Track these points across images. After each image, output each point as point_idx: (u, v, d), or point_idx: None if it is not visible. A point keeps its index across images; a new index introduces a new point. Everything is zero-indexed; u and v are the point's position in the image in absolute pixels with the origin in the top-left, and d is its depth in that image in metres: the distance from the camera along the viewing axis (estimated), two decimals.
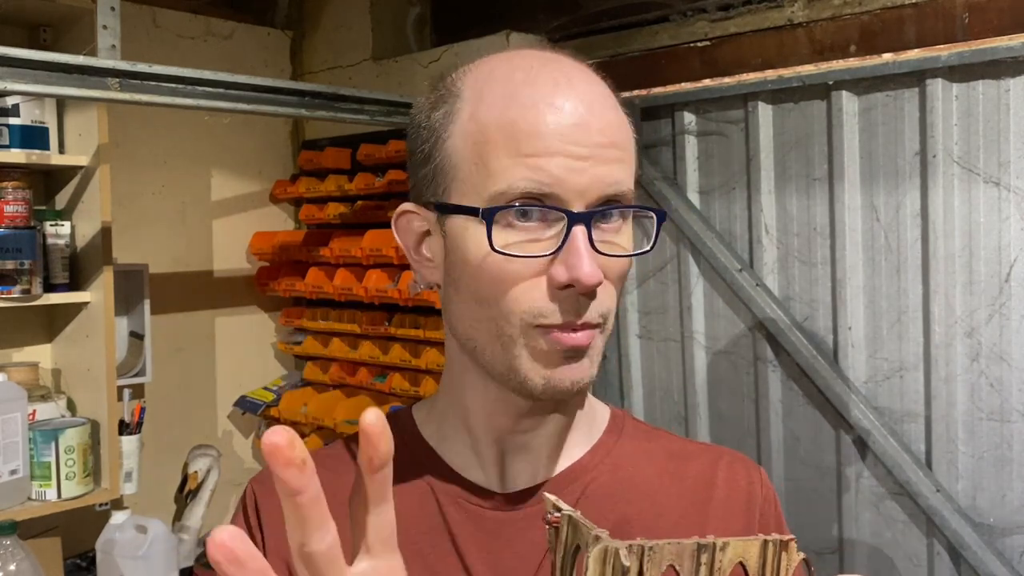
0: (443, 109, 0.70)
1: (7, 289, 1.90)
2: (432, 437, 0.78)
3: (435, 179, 0.69)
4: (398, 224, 0.74)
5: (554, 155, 0.64)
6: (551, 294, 0.64)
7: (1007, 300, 1.67)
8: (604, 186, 0.65)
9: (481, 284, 0.66)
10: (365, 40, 2.55)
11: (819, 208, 1.87)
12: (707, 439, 2.05)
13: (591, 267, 0.62)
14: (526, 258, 0.64)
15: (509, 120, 0.65)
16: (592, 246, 0.64)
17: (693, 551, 0.50)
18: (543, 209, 0.64)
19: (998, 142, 1.65)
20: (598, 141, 0.65)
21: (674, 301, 2.10)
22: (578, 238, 0.63)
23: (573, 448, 0.76)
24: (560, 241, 0.64)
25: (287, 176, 2.74)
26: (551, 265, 0.64)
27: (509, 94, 0.66)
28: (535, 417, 0.73)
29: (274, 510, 0.75)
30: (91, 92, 1.53)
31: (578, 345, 0.65)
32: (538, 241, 0.64)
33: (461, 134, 0.68)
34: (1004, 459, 1.69)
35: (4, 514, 1.84)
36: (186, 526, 2.38)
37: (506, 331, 0.66)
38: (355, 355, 2.46)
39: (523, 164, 0.64)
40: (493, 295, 0.66)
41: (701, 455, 0.80)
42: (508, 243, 0.64)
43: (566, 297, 0.64)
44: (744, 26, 1.93)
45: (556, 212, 0.64)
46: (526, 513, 0.73)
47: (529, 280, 0.65)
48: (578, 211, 0.64)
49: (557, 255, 0.64)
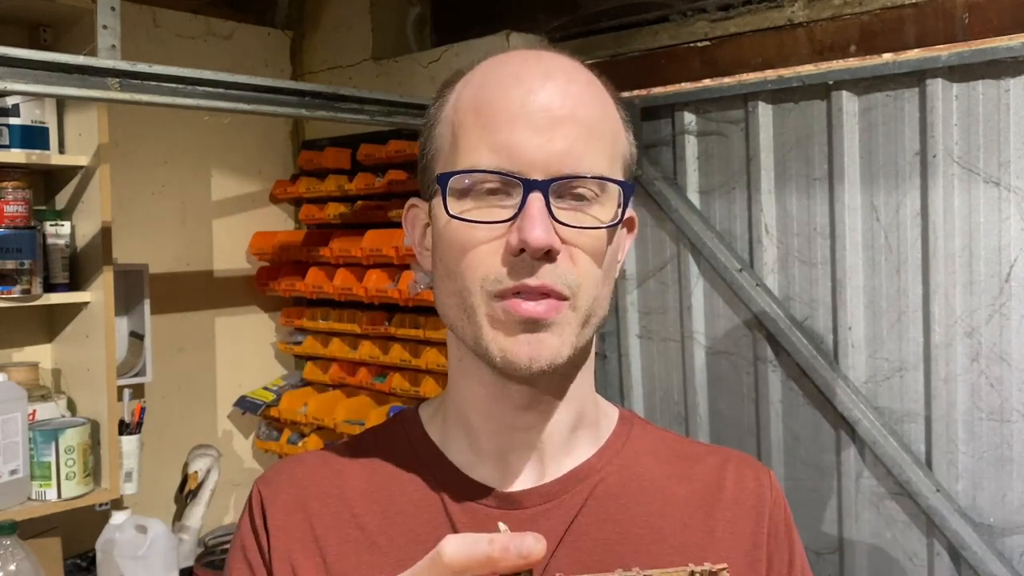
0: (437, 103, 0.73)
1: (7, 289, 1.90)
2: (437, 436, 0.77)
3: (427, 169, 0.72)
4: (406, 219, 0.77)
5: (514, 128, 0.65)
6: (506, 259, 0.65)
7: (1007, 300, 1.67)
8: (570, 161, 0.65)
9: (448, 255, 0.68)
10: (365, 40, 2.55)
11: (819, 208, 1.87)
12: (707, 439, 2.05)
13: (542, 230, 0.63)
14: (483, 224, 0.65)
15: (476, 99, 0.68)
16: (551, 215, 0.64)
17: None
18: (504, 178, 0.65)
19: (998, 142, 1.65)
20: (560, 115, 0.65)
21: (674, 301, 2.10)
22: (533, 204, 0.64)
23: (581, 448, 0.76)
24: (517, 208, 0.64)
25: (287, 176, 2.74)
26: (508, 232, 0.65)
27: (484, 78, 0.69)
28: (534, 411, 0.72)
29: (280, 512, 0.75)
30: (91, 92, 1.53)
31: (532, 315, 0.65)
32: (498, 209, 0.65)
33: (444, 121, 0.71)
34: (1004, 459, 1.69)
35: (4, 514, 1.84)
36: (186, 526, 2.38)
37: (469, 301, 0.67)
38: (355, 355, 2.46)
39: (486, 140, 0.66)
40: (456, 264, 0.67)
41: (709, 457, 0.80)
42: (469, 211, 0.66)
43: (520, 261, 0.65)
44: (744, 26, 1.93)
45: (515, 180, 0.65)
46: (532, 513, 0.72)
47: (488, 245, 0.65)
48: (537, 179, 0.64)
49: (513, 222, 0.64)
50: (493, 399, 0.72)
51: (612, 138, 0.70)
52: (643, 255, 2.15)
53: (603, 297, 0.70)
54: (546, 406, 0.73)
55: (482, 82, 0.69)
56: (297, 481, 0.77)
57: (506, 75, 0.68)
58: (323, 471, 0.77)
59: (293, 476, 0.77)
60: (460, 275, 0.67)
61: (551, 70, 0.68)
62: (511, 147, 0.65)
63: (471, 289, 0.66)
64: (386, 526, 0.72)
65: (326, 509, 0.74)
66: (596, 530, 0.72)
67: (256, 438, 2.69)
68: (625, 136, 0.73)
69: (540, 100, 0.66)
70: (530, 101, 0.65)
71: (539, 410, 0.72)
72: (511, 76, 0.67)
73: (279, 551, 0.73)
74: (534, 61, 0.69)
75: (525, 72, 0.67)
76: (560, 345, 0.66)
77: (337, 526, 0.73)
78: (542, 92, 0.66)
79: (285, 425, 2.60)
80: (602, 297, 0.69)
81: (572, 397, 0.74)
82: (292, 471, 0.78)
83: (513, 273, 0.65)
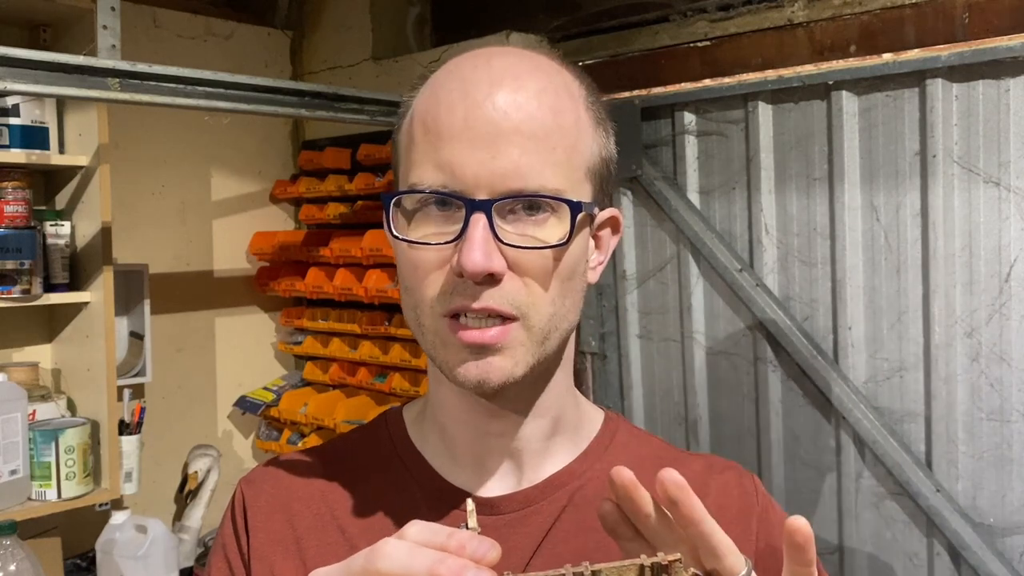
0: (402, 108, 0.72)
1: (7, 289, 1.90)
2: (418, 438, 0.77)
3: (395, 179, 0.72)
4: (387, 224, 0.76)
5: (458, 144, 0.63)
6: (451, 280, 0.64)
7: (1007, 300, 1.66)
8: (517, 177, 0.63)
9: (403, 274, 0.68)
10: (365, 40, 2.55)
11: (819, 208, 1.87)
12: (707, 439, 2.05)
13: (481, 255, 0.61)
14: (426, 245, 0.65)
15: (425, 112, 0.67)
16: (496, 236, 0.63)
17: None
18: (448, 198, 0.64)
19: (998, 142, 1.65)
20: (504, 128, 0.63)
21: (674, 301, 2.10)
22: (474, 227, 0.62)
23: (560, 454, 0.75)
24: (461, 230, 0.63)
25: (287, 176, 2.74)
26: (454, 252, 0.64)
27: (437, 88, 0.68)
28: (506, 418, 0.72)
29: (261, 512, 0.75)
30: (91, 92, 1.53)
31: (477, 342, 0.64)
32: (445, 228, 0.65)
33: (402, 132, 0.70)
34: (1004, 459, 1.69)
35: (4, 514, 1.84)
36: (186, 526, 2.38)
37: (422, 320, 0.67)
38: (355, 355, 2.46)
39: (431, 156, 0.64)
40: (411, 283, 0.67)
41: (693, 463, 0.79)
42: (422, 234, 0.65)
43: (463, 283, 0.64)
44: (744, 26, 1.93)
45: (457, 201, 0.63)
46: (509, 519, 0.71)
47: (437, 269, 0.65)
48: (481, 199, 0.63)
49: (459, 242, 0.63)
50: (466, 406, 0.72)
51: (569, 147, 0.66)
52: (643, 255, 2.15)
53: (564, 311, 0.68)
54: (516, 415, 0.72)
55: (432, 93, 0.67)
56: (280, 482, 0.77)
57: (453, 87, 0.65)
58: (307, 472, 0.78)
59: (277, 477, 0.78)
60: (414, 293, 0.67)
61: (499, 78, 0.65)
62: (453, 164, 0.63)
63: (422, 308, 0.67)
64: (366, 530, 0.72)
65: (308, 510, 0.74)
66: (574, 537, 0.71)
67: (256, 438, 2.69)
68: (591, 139, 0.69)
69: (484, 114, 0.63)
70: (474, 115, 0.63)
71: (510, 419, 0.72)
72: (457, 89, 0.65)
73: (258, 551, 0.73)
74: (484, 69, 0.66)
75: (471, 84, 0.65)
76: (513, 366, 0.66)
77: (318, 528, 0.73)
78: (486, 104, 0.63)
79: (285, 425, 2.60)
80: (562, 312, 0.67)
81: (545, 404, 0.73)
82: (276, 472, 0.78)
83: (457, 294, 0.64)
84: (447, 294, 0.64)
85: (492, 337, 0.64)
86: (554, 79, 0.68)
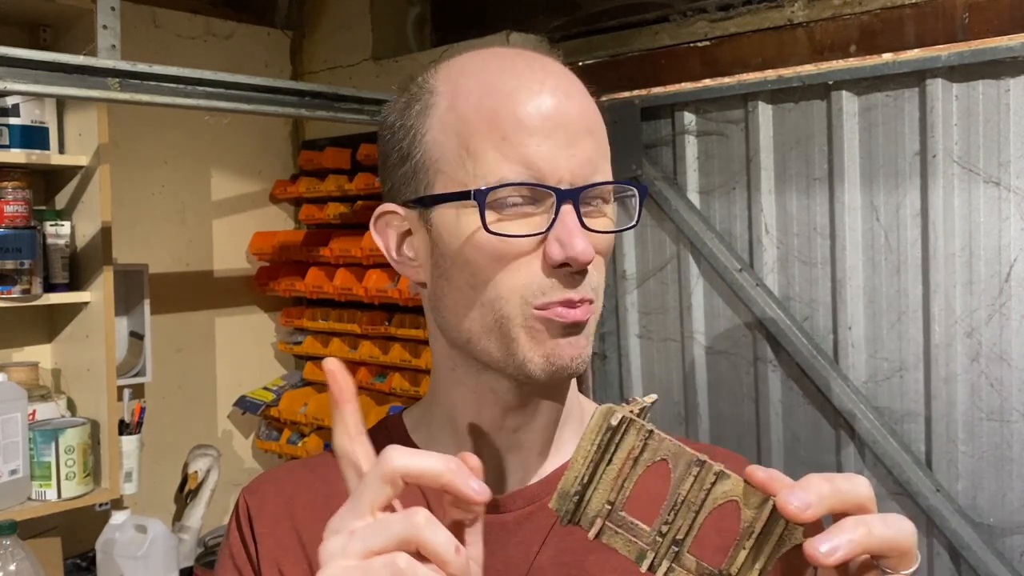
0: (417, 106, 0.70)
1: (7, 289, 1.90)
2: (422, 441, 0.77)
3: (416, 176, 0.69)
4: (377, 226, 0.74)
5: (539, 142, 0.65)
6: (547, 272, 0.65)
7: (1007, 300, 1.67)
8: (590, 170, 0.67)
9: (477, 268, 0.67)
10: (365, 40, 2.55)
11: (819, 208, 1.87)
12: (707, 439, 2.05)
13: (585, 244, 0.64)
14: (520, 237, 0.65)
15: (489, 108, 0.66)
16: (581, 223, 0.65)
17: (689, 462, 0.51)
18: (532, 188, 0.65)
19: (998, 142, 1.65)
20: (579, 127, 0.66)
21: (674, 301, 2.10)
22: (569, 216, 0.65)
23: (564, 445, 0.76)
24: (551, 219, 0.65)
25: (287, 176, 2.74)
26: (543, 244, 0.65)
27: (486, 82, 0.67)
28: (523, 411, 0.72)
29: (266, 520, 0.75)
30: (91, 92, 1.53)
31: (577, 320, 0.66)
32: (528, 219, 0.65)
33: (440, 127, 0.68)
34: (1004, 459, 1.69)
35: (4, 514, 1.84)
36: (186, 526, 2.38)
37: (504, 312, 0.66)
38: (355, 355, 2.46)
39: (510, 155, 0.65)
40: (489, 277, 0.66)
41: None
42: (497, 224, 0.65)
43: (562, 274, 0.65)
44: (744, 26, 1.93)
45: (545, 190, 0.65)
46: (516, 516, 0.72)
47: (523, 259, 0.65)
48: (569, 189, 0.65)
49: (548, 233, 0.65)
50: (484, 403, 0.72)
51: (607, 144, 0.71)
52: (643, 255, 2.15)
53: None
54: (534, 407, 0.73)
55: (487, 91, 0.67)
56: (283, 490, 0.77)
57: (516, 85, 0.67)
58: (308, 479, 0.78)
59: (279, 485, 0.78)
60: (495, 287, 0.66)
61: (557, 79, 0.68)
62: (539, 160, 0.65)
63: (508, 300, 0.66)
64: None
65: (312, 516, 0.74)
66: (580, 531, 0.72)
67: (256, 438, 2.69)
68: None
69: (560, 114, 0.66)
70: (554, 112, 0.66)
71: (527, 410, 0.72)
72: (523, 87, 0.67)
73: (267, 557, 0.73)
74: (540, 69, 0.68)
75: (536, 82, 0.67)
76: (587, 345, 0.69)
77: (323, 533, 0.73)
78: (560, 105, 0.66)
79: (285, 425, 2.60)
80: None
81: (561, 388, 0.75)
82: (278, 480, 0.78)
83: (556, 286, 0.65)
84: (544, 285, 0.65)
85: (583, 314, 0.67)
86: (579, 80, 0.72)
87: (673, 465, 0.52)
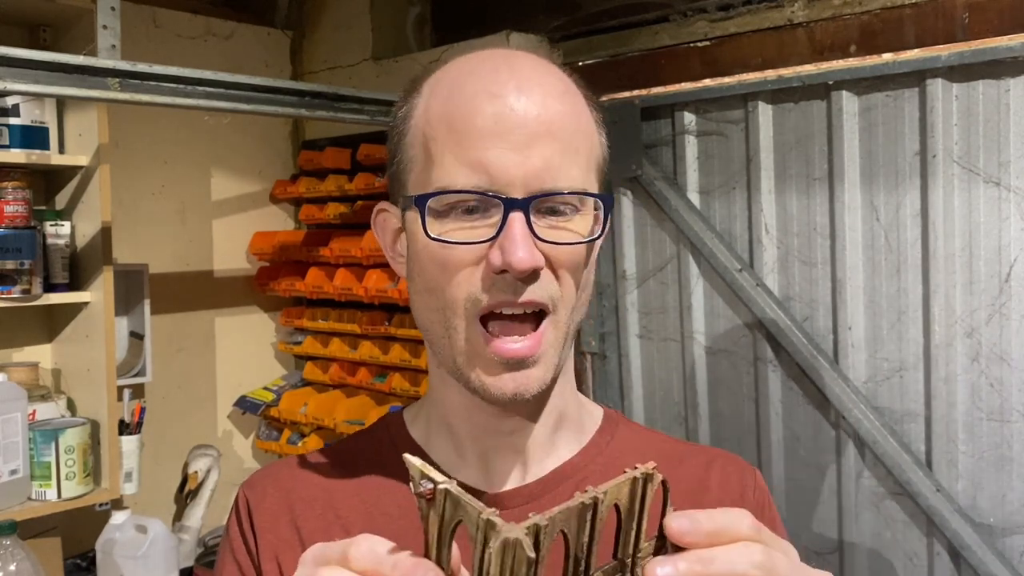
0: (405, 108, 0.72)
1: (7, 289, 1.90)
2: (420, 438, 0.78)
3: (399, 176, 0.71)
4: (376, 222, 0.76)
5: (490, 147, 0.64)
6: (488, 279, 0.65)
7: (1007, 300, 1.66)
8: (548, 177, 0.64)
9: (427, 272, 0.67)
10: (365, 40, 2.55)
11: (819, 208, 1.87)
12: (707, 439, 2.05)
13: (527, 252, 0.62)
14: (461, 244, 0.65)
15: (448, 112, 0.66)
16: (532, 232, 0.64)
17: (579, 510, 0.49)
18: (482, 197, 0.64)
19: (998, 142, 1.65)
20: (536, 130, 0.64)
21: (674, 301, 2.10)
22: (514, 224, 0.63)
23: (564, 448, 0.76)
24: (498, 228, 0.64)
25: (287, 176, 2.74)
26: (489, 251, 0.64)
27: (452, 86, 0.68)
28: (515, 417, 0.72)
29: (266, 515, 0.76)
30: (91, 92, 1.53)
31: (516, 355, 0.65)
32: (477, 229, 0.65)
33: (414, 130, 0.69)
34: (1004, 459, 1.69)
35: (4, 514, 1.84)
36: (186, 526, 2.38)
37: (451, 320, 0.67)
38: (355, 355, 2.46)
39: (462, 157, 0.64)
40: (437, 282, 0.67)
41: (694, 457, 0.80)
42: (449, 231, 0.65)
43: (504, 280, 0.64)
44: (744, 26, 1.93)
45: (495, 200, 0.64)
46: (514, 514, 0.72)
47: (469, 267, 0.65)
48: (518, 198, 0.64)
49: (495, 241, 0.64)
50: (473, 406, 0.72)
51: (587, 148, 0.68)
52: (643, 255, 2.15)
53: (581, 307, 0.70)
54: (526, 413, 0.73)
55: (451, 93, 0.67)
56: (282, 485, 0.78)
57: (478, 88, 0.66)
58: (307, 474, 0.78)
59: (278, 480, 0.78)
60: (442, 293, 0.66)
61: (525, 82, 0.66)
62: (488, 165, 0.64)
63: (454, 308, 0.66)
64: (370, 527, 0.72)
65: (311, 511, 0.75)
66: None
67: (256, 438, 2.69)
68: (598, 139, 0.71)
69: (516, 116, 0.64)
70: (506, 117, 0.64)
71: (519, 417, 0.73)
72: (483, 90, 0.65)
73: (267, 551, 0.74)
74: (506, 71, 0.66)
75: (498, 85, 0.65)
76: (544, 374, 0.67)
77: (323, 527, 0.74)
78: (518, 107, 0.64)
79: (285, 425, 2.60)
80: (580, 307, 0.70)
81: (553, 400, 0.74)
82: (277, 475, 0.79)
83: (495, 291, 0.64)
84: (483, 292, 0.65)
85: (529, 349, 0.65)
86: (567, 81, 0.70)
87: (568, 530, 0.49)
